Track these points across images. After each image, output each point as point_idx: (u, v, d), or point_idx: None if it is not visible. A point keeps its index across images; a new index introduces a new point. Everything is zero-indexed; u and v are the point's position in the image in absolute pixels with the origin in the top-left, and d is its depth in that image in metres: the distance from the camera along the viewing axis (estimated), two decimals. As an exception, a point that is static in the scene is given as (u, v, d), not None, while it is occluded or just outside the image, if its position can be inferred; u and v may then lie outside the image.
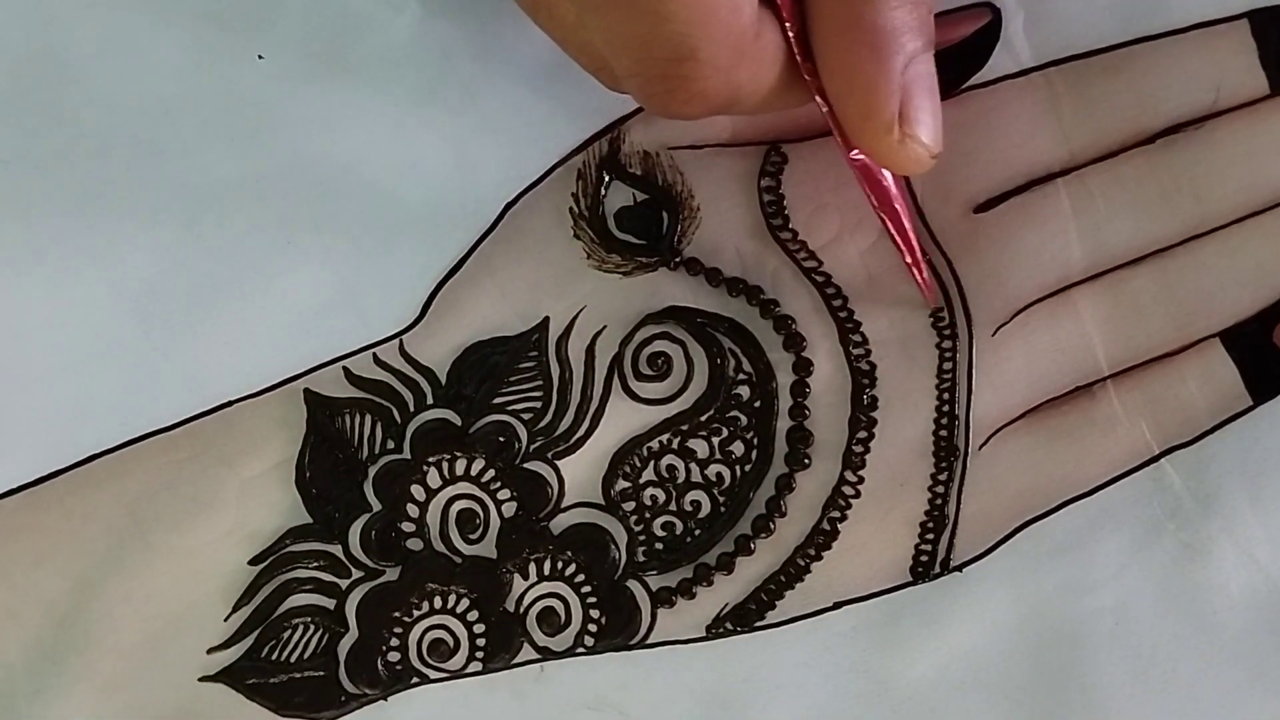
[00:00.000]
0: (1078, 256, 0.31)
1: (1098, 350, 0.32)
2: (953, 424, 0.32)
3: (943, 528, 0.32)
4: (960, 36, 0.31)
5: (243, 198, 0.32)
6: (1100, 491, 0.31)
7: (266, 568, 0.32)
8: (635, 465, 0.32)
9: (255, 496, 0.32)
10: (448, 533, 0.32)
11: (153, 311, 0.32)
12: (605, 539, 0.32)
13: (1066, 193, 0.31)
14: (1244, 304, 0.31)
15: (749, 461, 0.32)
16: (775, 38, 0.26)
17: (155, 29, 0.32)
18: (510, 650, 0.32)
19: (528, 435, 0.32)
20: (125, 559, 0.32)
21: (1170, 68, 0.31)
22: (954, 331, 0.32)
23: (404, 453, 0.32)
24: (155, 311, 0.32)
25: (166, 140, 0.32)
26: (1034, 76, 0.32)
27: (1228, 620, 0.31)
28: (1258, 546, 0.31)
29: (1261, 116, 0.31)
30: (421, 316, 0.33)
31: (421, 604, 0.32)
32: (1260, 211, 0.31)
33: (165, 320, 0.32)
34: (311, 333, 0.32)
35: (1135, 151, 0.31)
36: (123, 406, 0.32)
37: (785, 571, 0.32)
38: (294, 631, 0.32)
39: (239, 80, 0.32)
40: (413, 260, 0.33)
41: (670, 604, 0.32)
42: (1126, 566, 0.31)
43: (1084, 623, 0.31)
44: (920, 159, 0.26)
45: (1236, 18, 0.31)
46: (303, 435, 0.32)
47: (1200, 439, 0.31)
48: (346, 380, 0.33)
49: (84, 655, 0.32)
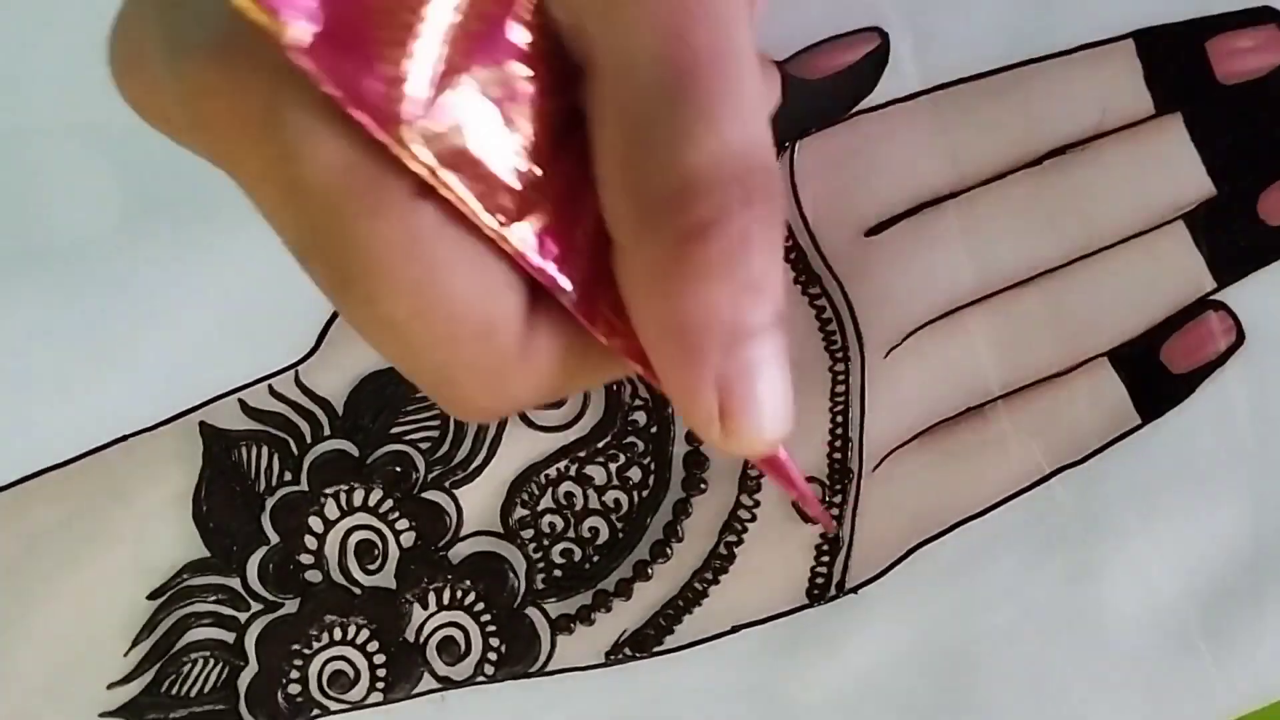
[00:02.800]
0: (968, 278, 0.32)
1: (988, 371, 0.32)
2: (846, 446, 0.32)
3: (838, 550, 0.32)
4: (848, 62, 0.32)
5: (132, 228, 0.32)
6: (992, 512, 0.32)
7: (165, 602, 0.32)
8: (533, 493, 0.32)
9: (152, 531, 0.32)
10: (346, 564, 0.32)
11: (44, 346, 0.32)
12: (504, 567, 0.32)
13: (956, 215, 0.32)
14: (1131, 323, 0.32)
15: (646, 487, 0.32)
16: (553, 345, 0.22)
17: (35, 56, 0.32)
18: (411, 680, 0.32)
19: (425, 465, 0.32)
20: (24, 597, 0.32)
21: (1057, 89, 0.31)
22: (846, 354, 0.32)
23: (301, 484, 0.32)
24: (46, 346, 0.32)
25: (50, 169, 0.32)
26: (922, 100, 0.32)
27: (1120, 639, 0.31)
28: (1148, 565, 0.31)
29: (1146, 136, 0.31)
30: (317, 347, 0.32)
31: (321, 635, 0.32)
32: (1146, 231, 0.32)
33: (57, 355, 0.32)
34: (206, 365, 0.32)
35: (1023, 173, 0.32)
36: (17, 442, 0.32)
37: (683, 596, 0.32)
38: (194, 665, 0.32)
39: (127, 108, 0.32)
40: (307, 290, 0.32)
41: (569, 631, 0.32)
42: (1019, 586, 0.31)
43: (978, 642, 0.31)
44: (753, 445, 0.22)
45: (1121, 38, 0.31)
46: (199, 468, 0.32)
47: (1090, 458, 0.32)
48: (242, 412, 0.32)
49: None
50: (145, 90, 0.22)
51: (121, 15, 0.22)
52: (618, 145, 0.21)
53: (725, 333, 0.21)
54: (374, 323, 0.21)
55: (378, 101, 0.19)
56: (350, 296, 0.21)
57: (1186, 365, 0.31)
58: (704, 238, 0.20)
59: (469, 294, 0.21)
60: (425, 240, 0.20)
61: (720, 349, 0.21)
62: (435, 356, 0.21)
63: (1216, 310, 0.32)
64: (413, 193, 0.20)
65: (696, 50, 0.21)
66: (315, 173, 0.20)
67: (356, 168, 0.20)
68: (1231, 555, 0.31)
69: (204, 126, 0.20)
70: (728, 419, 0.22)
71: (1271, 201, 0.31)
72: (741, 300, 0.21)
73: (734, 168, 0.21)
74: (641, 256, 0.21)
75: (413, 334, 0.21)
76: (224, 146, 0.20)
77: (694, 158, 0.20)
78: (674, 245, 0.21)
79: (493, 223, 0.20)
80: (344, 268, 0.20)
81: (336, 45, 0.18)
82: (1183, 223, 0.32)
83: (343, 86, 0.18)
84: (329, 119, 0.19)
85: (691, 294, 0.21)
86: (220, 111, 0.20)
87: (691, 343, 0.21)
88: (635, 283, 0.21)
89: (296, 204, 0.20)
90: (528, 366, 0.22)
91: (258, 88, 0.19)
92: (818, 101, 0.31)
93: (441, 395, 0.23)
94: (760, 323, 0.21)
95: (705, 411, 0.22)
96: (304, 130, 0.19)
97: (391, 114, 0.19)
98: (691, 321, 0.21)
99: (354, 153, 0.20)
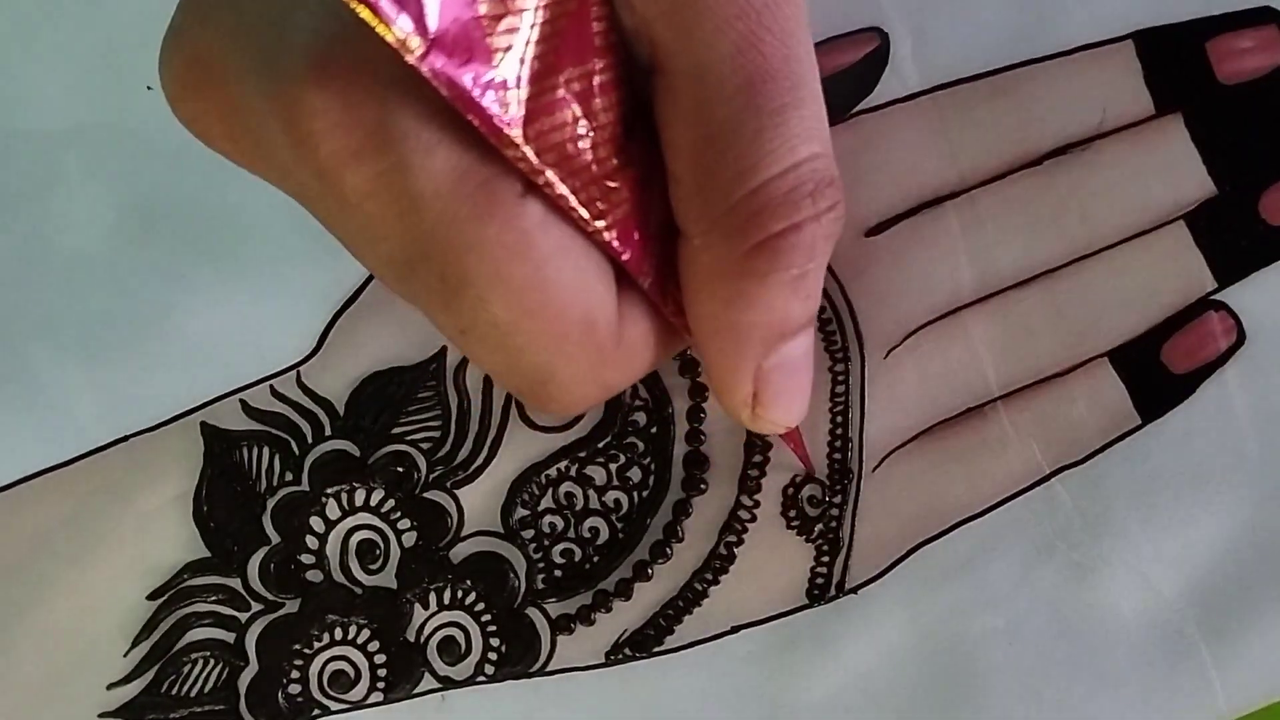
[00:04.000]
0: (968, 278, 0.32)
1: (988, 371, 0.32)
2: (846, 446, 0.32)
3: (838, 550, 0.32)
4: (848, 62, 0.32)
5: (135, 230, 0.32)
6: (992, 512, 0.31)
7: (165, 602, 0.32)
8: (533, 493, 0.32)
9: (153, 531, 0.32)
10: (347, 564, 0.32)
11: (44, 346, 0.32)
12: (504, 567, 0.32)
13: (956, 215, 0.32)
14: (1131, 324, 0.31)
15: (646, 487, 0.32)
16: (641, 331, 0.24)
17: (41, 60, 0.32)
18: (411, 680, 0.32)
19: (426, 465, 0.32)
20: (24, 596, 0.32)
21: (1057, 90, 0.31)
22: (846, 354, 0.32)
23: (302, 484, 0.32)
24: (46, 346, 0.32)
25: (56, 173, 0.32)
26: (922, 100, 0.32)
27: (1120, 640, 0.31)
28: (1148, 565, 0.31)
29: (1147, 137, 0.31)
30: (318, 348, 0.33)
31: (322, 635, 0.32)
32: (1146, 231, 0.31)
33: (57, 355, 0.32)
34: (208, 365, 0.32)
35: (1023, 173, 0.32)
36: (17, 442, 0.32)
37: (683, 596, 0.32)
38: (194, 666, 0.32)
39: (128, 111, 0.32)
40: (309, 291, 0.33)
41: (569, 631, 0.32)
42: (1019, 587, 0.31)
43: (977, 643, 0.31)
44: (775, 428, 0.26)
45: (1121, 39, 0.31)
46: (200, 469, 0.32)
47: (1090, 459, 0.31)
48: (244, 413, 0.33)
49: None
50: (219, 112, 0.22)
51: (179, 33, 0.22)
52: (691, 146, 0.22)
53: (772, 331, 0.23)
54: (480, 328, 0.22)
55: (489, 105, 0.19)
56: (460, 302, 0.21)
57: (1187, 365, 0.31)
58: (774, 250, 0.22)
59: (573, 288, 0.22)
60: (533, 239, 0.21)
61: (765, 344, 0.23)
62: (540, 355, 0.22)
63: (1217, 310, 0.31)
64: (519, 193, 0.21)
65: (769, 59, 0.22)
66: (429, 181, 0.20)
67: (468, 174, 0.20)
68: (1231, 555, 0.31)
69: (300, 147, 0.20)
70: (759, 406, 0.24)
71: (1272, 201, 0.31)
72: (793, 305, 0.23)
73: (806, 184, 0.22)
74: (710, 254, 0.22)
75: (520, 335, 0.22)
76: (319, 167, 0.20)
77: (770, 169, 0.22)
78: (744, 251, 0.22)
79: (587, 215, 0.21)
80: (453, 275, 0.21)
81: (449, 52, 0.19)
82: (1183, 223, 0.31)
83: (458, 92, 0.19)
84: (440, 128, 0.20)
85: (753, 297, 0.22)
86: (323, 131, 0.20)
87: (741, 336, 0.23)
88: (699, 277, 0.23)
89: (409, 215, 0.20)
90: (622, 353, 0.23)
91: (369, 104, 0.20)
92: (818, 101, 0.32)
93: (540, 393, 0.24)
94: (803, 323, 0.24)
95: (741, 397, 0.24)
96: (418, 141, 0.20)
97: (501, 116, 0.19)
98: (747, 320, 0.23)
99: (465, 159, 0.20)
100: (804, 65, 0.22)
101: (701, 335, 0.24)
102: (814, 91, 0.22)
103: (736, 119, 0.21)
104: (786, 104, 0.22)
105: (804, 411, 0.26)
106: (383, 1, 0.17)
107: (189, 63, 0.22)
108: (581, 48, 0.21)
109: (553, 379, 0.23)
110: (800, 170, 0.22)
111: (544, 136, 0.20)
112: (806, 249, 0.22)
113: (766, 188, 0.22)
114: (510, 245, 0.21)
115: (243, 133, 0.22)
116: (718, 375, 0.24)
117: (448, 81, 0.19)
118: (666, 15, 0.21)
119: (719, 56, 0.21)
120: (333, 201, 0.21)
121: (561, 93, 0.21)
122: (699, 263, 0.23)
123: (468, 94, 0.19)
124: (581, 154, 0.21)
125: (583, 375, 0.23)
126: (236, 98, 0.21)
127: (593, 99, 0.21)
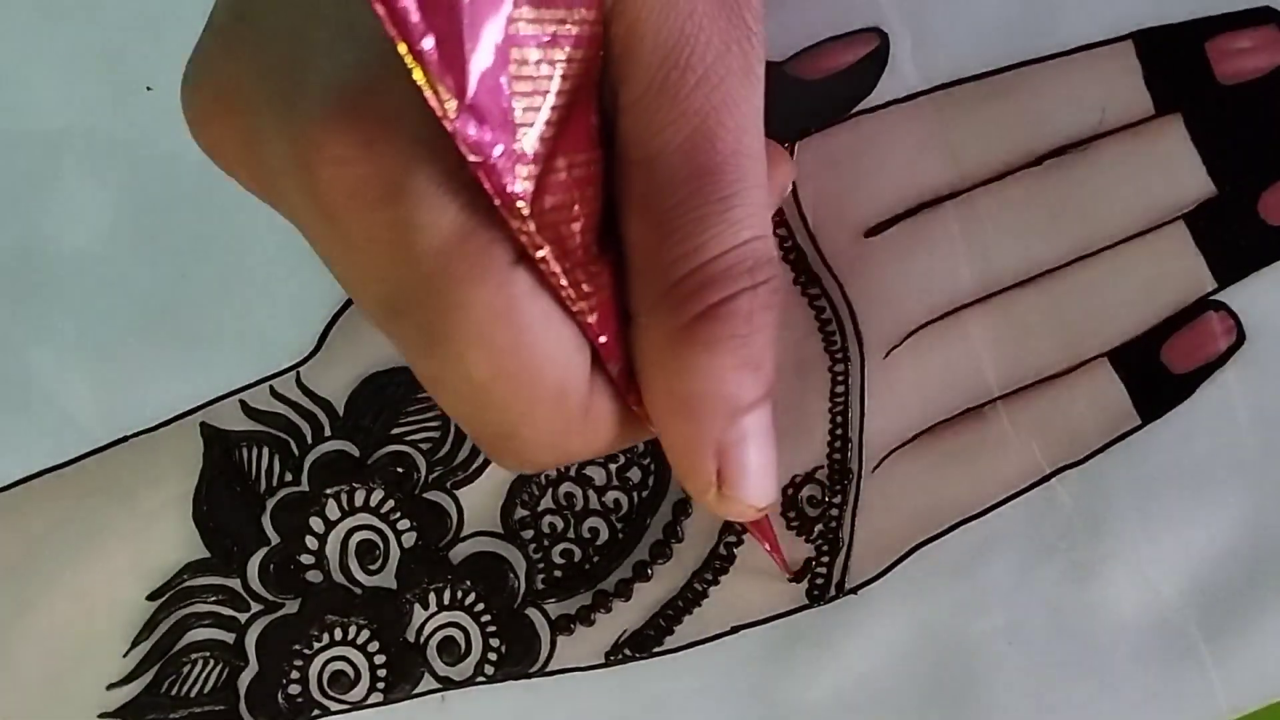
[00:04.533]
0: (967, 278, 0.32)
1: (988, 371, 0.32)
2: (846, 446, 0.32)
3: (838, 550, 0.32)
4: (848, 62, 0.32)
5: (134, 230, 0.32)
6: (992, 512, 0.31)
7: (165, 602, 0.32)
8: (533, 493, 0.32)
9: (153, 531, 0.32)
10: (347, 564, 0.32)
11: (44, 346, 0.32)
12: (504, 567, 0.32)
13: (956, 215, 0.32)
14: (1131, 324, 0.32)
15: (646, 487, 0.32)
16: (608, 409, 0.24)
17: (41, 60, 0.32)
18: (411, 680, 0.32)
19: (426, 465, 0.32)
20: (24, 596, 0.32)
21: (1056, 90, 0.31)
22: (846, 354, 0.32)
23: (302, 485, 0.32)
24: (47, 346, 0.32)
25: (56, 173, 0.32)
26: (921, 101, 0.32)
27: (1119, 639, 0.31)
28: (1148, 565, 0.31)
29: (1146, 137, 0.31)
30: (318, 348, 0.33)
31: (321, 636, 0.32)
32: (1146, 231, 0.32)
33: (58, 355, 0.32)
34: (207, 365, 0.32)
35: (1023, 173, 0.32)
36: (17, 442, 0.32)
37: (683, 597, 0.32)
38: (193, 666, 0.32)
39: (128, 111, 0.32)
40: (309, 291, 0.33)
41: (569, 631, 0.32)
42: (1018, 587, 0.31)
43: (977, 643, 0.31)
44: (744, 512, 0.25)
45: (1121, 39, 0.31)
46: (200, 469, 0.32)
47: (1090, 458, 0.31)
48: (243, 413, 0.33)
49: (-17, 693, 0.32)
50: (237, 141, 0.22)
51: (206, 58, 0.22)
52: (643, 233, 0.23)
53: (726, 404, 0.23)
54: (454, 381, 0.22)
55: (507, 175, 0.20)
56: (437, 355, 0.22)
57: (1187, 365, 0.31)
58: (713, 317, 0.23)
59: (550, 357, 0.22)
60: (519, 305, 0.21)
61: (721, 418, 0.24)
62: (508, 416, 0.23)
63: (1217, 310, 0.31)
64: (512, 261, 0.21)
65: (722, 154, 0.23)
66: (431, 239, 0.21)
67: (470, 236, 0.21)
68: (1231, 555, 0.31)
69: (313, 187, 0.21)
70: (726, 486, 0.24)
71: (1272, 201, 0.31)
72: (743, 375, 0.23)
73: (745, 261, 0.23)
74: (657, 331, 0.23)
75: (492, 394, 0.22)
76: (328, 208, 0.21)
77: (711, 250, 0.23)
78: (687, 322, 0.23)
79: (574, 295, 0.22)
80: (439, 328, 0.21)
81: (480, 119, 0.19)
82: (1183, 223, 0.31)
83: (482, 157, 0.20)
84: (452, 189, 0.20)
85: (699, 366, 0.23)
86: (338, 178, 0.20)
87: (696, 410, 0.23)
88: (649, 354, 0.24)
89: (404, 267, 0.21)
90: (588, 426, 0.24)
91: (389, 155, 0.20)
92: (818, 102, 0.32)
93: (500, 448, 0.24)
94: (756, 397, 0.24)
95: (705, 477, 0.24)
96: (429, 199, 0.20)
97: (515, 188, 0.20)
98: (697, 390, 0.23)
99: (470, 222, 0.21)
100: (752, 159, 0.23)
101: (658, 416, 0.24)
102: (758, 181, 0.23)
103: (684, 205, 0.22)
104: (732, 193, 0.23)
105: (774, 492, 0.25)
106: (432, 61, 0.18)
107: (212, 92, 0.22)
108: (583, 136, 0.22)
109: (515, 437, 0.23)
110: (740, 250, 0.23)
111: (545, 214, 0.21)
112: (744, 316, 0.23)
113: (707, 266, 0.23)
114: (497, 309, 0.21)
115: (257, 163, 0.22)
116: (679, 456, 0.24)
117: (473, 145, 0.19)
118: (635, 105, 0.22)
119: (672, 147, 0.22)
120: (335, 241, 0.22)
121: (564, 175, 0.21)
122: (647, 340, 0.23)
123: (490, 162, 0.20)
124: (573, 235, 0.22)
125: (545, 440, 0.23)
126: (255, 130, 0.22)
127: (587, 186, 0.22)
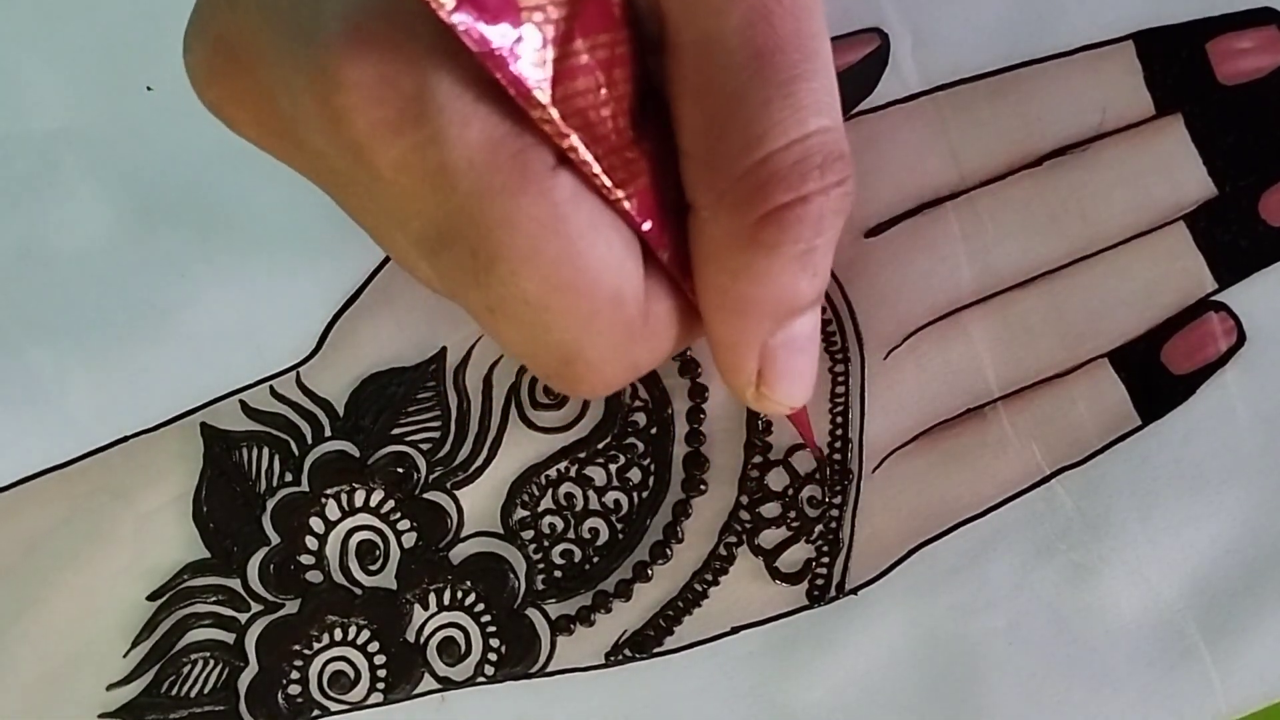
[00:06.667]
0: (967, 279, 0.32)
1: (988, 372, 0.32)
2: (846, 447, 0.32)
3: (838, 551, 0.32)
4: (848, 63, 0.32)
5: (133, 230, 0.32)
6: (992, 513, 0.31)
7: (165, 603, 0.32)
8: (533, 494, 0.32)
9: (153, 531, 0.32)
10: (347, 564, 0.32)
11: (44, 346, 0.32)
12: (504, 568, 0.32)
13: (956, 216, 0.32)
14: (1131, 324, 0.31)
15: (646, 488, 0.32)
16: (666, 308, 0.24)
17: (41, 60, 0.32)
18: (411, 681, 0.32)
19: (426, 466, 0.32)
20: (23, 597, 0.32)
21: (1057, 90, 0.31)
22: (846, 355, 0.32)
23: (302, 485, 0.32)
24: (46, 346, 0.32)
25: (56, 172, 0.32)
26: (922, 101, 0.32)
27: (1119, 640, 0.31)
28: (1148, 566, 0.31)
29: (1147, 137, 0.31)
30: (318, 348, 0.32)
31: (321, 636, 0.32)
32: (1146, 232, 0.31)
33: (57, 355, 0.32)
34: (208, 365, 0.32)
35: (1023, 174, 0.32)
36: (17, 442, 0.32)
37: (683, 597, 0.32)
38: (193, 666, 0.32)
39: (128, 111, 0.32)
40: (309, 291, 0.32)
41: (569, 632, 0.32)
42: (1019, 587, 0.31)
43: (977, 644, 0.31)
44: (779, 410, 0.25)
45: (1122, 39, 0.31)
46: (200, 469, 0.32)
47: (1090, 459, 0.31)
48: (243, 413, 0.32)
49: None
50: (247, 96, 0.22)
51: (204, 18, 0.22)
52: (699, 119, 0.22)
53: (779, 307, 0.23)
54: (511, 306, 0.21)
55: (517, 63, 0.19)
56: (491, 277, 0.21)
57: (1187, 366, 0.31)
58: (781, 221, 0.21)
59: (603, 264, 0.21)
60: (565, 213, 0.21)
61: (771, 320, 0.23)
62: (568, 332, 0.22)
63: (1217, 311, 0.31)
64: (552, 166, 0.20)
65: (779, 30, 0.21)
66: (465, 153, 0.20)
67: (502, 145, 0.20)
68: (1231, 555, 0.31)
69: (335, 122, 0.20)
70: (764, 385, 0.24)
71: (1272, 202, 0.31)
72: (800, 280, 0.22)
73: (815, 155, 0.22)
74: (717, 226, 0.22)
75: (551, 312, 0.21)
76: (354, 141, 0.20)
77: (777, 140, 0.21)
78: (752, 223, 0.21)
79: (610, 183, 0.21)
80: (486, 250, 0.21)
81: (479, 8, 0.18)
82: (1183, 223, 0.31)
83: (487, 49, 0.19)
84: (475, 99, 0.20)
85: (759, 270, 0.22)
86: (359, 103, 0.20)
87: (748, 310, 0.23)
88: (707, 249, 0.23)
89: (444, 189, 0.20)
90: (649, 331, 0.23)
91: (406, 74, 0.19)
92: (818, 102, 0.31)
93: (568, 373, 0.23)
94: (810, 300, 0.23)
95: (746, 375, 0.24)
96: (454, 112, 0.20)
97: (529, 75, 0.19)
98: (752, 293, 0.22)
99: (499, 130, 0.20)
100: (815, 38, 0.22)
101: (709, 310, 0.23)
102: (825, 64, 0.22)
103: (744, 90, 0.21)
104: (796, 75, 0.21)
105: (809, 393, 0.25)
106: None
107: (216, 46, 0.22)
108: (602, 17, 0.21)
109: (580, 357, 0.23)
110: (809, 142, 0.22)
111: (569, 100, 0.20)
112: (814, 222, 0.22)
113: (774, 158, 0.21)
114: (543, 220, 0.20)
115: (271, 115, 0.22)
116: (723, 351, 0.24)
117: (478, 38, 0.19)
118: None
119: (728, 28, 0.21)
120: (365, 179, 0.21)
121: (585, 59, 0.20)
122: (707, 235, 0.22)
123: (497, 51, 0.19)
124: (603, 121, 0.21)
125: (611, 353, 0.23)
126: (266, 79, 0.21)
127: (613, 68, 0.21)
